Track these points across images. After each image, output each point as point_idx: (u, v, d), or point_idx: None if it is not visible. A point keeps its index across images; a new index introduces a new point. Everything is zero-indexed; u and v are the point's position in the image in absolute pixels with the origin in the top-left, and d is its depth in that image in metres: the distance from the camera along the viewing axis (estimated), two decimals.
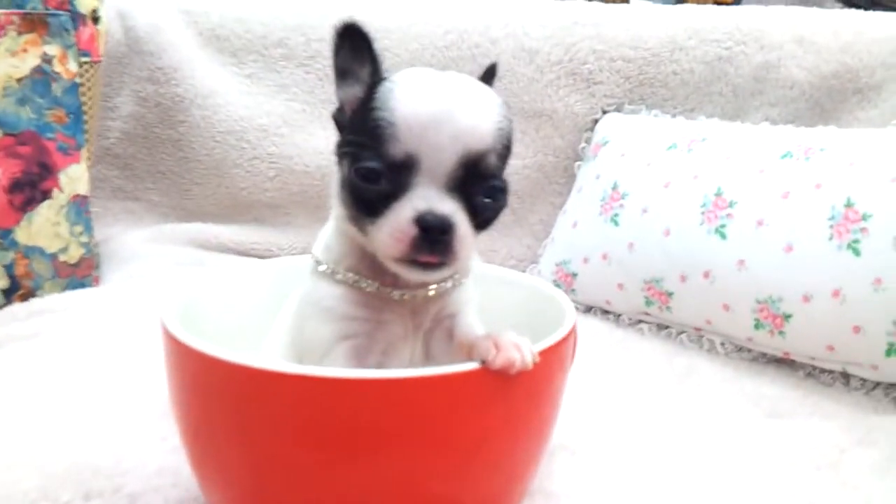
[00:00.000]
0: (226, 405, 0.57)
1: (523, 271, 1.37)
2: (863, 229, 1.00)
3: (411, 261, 0.56)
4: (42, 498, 0.72)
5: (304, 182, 1.60)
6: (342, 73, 0.63)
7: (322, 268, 0.64)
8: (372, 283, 0.62)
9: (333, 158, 0.63)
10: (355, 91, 0.62)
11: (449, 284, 0.64)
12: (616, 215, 1.25)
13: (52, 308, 1.18)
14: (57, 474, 0.76)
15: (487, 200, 0.58)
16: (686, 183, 1.19)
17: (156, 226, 1.62)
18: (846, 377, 1.06)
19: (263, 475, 0.57)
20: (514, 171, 1.50)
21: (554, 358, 0.59)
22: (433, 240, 0.55)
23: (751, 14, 1.43)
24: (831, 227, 1.02)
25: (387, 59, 1.61)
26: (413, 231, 0.55)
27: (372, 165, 0.55)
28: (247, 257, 1.59)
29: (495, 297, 0.74)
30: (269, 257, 1.57)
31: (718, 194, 1.14)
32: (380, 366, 0.62)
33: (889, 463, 0.88)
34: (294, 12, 1.64)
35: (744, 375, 1.13)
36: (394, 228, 0.55)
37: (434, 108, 0.55)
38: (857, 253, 1.00)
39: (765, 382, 1.11)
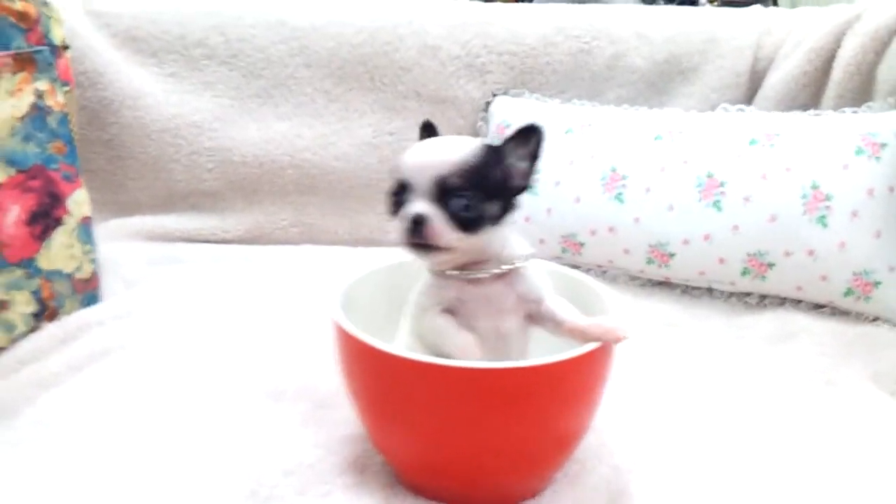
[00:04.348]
0: (403, 389, 0.83)
1: None
2: (722, 191, 1.46)
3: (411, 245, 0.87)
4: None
5: (242, 171, 1.76)
6: None
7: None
8: (454, 272, 0.90)
9: None
10: None
11: (485, 274, 0.89)
12: (534, 187, 1.61)
13: (88, 323, 1.31)
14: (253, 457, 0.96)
15: (458, 208, 0.85)
16: (587, 161, 1.56)
17: (98, 224, 1.71)
18: (710, 291, 1.53)
19: (437, 426, 0.84)
20: None
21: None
22: (415, 229, 0.85)
23: (601, 14, 1.80)
24: (700, 191, 1.47)
25: (306, 55, 1.84)
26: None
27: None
28: (196, 243, 1.74)
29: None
30: (215, 242, 1.76)
31: (613, 170, 1.54)
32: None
33: (763, 345, 1.33)
34: (208, 12, 1.75)
35: (640, 297, 1.53)
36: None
37: (417, 155, 0.87)
38: (719, 209, 1.45)
39: (655, 301, 1.52)
